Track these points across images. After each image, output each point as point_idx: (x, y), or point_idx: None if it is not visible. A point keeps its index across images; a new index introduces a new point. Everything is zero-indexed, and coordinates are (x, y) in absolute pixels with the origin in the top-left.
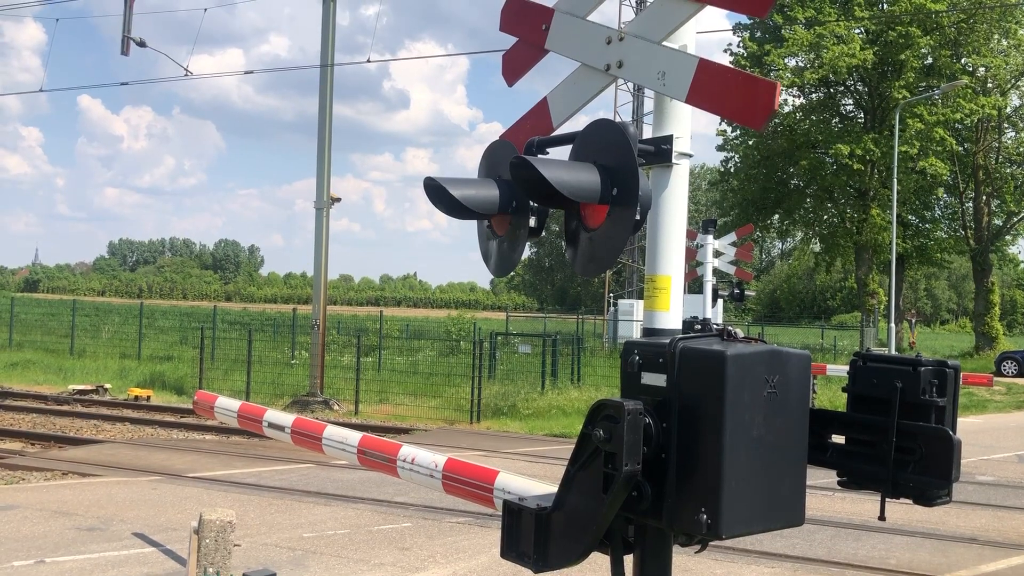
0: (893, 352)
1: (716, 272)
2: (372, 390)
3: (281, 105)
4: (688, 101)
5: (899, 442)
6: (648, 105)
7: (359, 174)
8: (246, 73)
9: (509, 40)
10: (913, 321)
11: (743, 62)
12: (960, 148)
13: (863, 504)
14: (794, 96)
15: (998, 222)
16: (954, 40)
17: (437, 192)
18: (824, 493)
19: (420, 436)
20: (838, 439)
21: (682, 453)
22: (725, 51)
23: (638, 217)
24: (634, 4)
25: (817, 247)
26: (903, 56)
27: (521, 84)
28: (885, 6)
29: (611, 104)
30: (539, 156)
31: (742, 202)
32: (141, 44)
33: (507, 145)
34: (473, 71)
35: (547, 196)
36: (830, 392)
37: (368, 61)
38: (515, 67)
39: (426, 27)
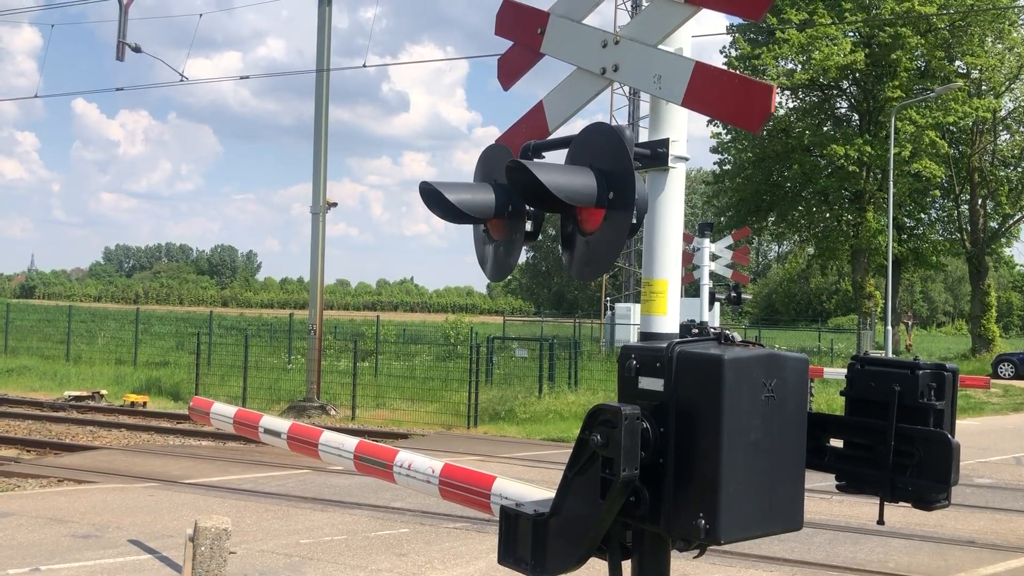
0: (890, 355)
1: (713, 275)
2: (369, 395)
3: (279, 109)
4: (684, 104)
5: (897, 446)
6: (644, 109)
7: (356, 178)
8: (241, 78)
9: (509, 43)
10: (910, 324)
11: (735, 64)
12: (955, 151)
13: (861, 508)
14: (787, 99)
15: (994, 224)
16: (948, 42)
17: (433, 196)
18: (822, 497)
19: (417, 441)
20: (836, 443)
21: (680, 458)
22: (721, 52)
23: (634, 221)
24: (630, 8)
25: (812, 250)
26: (894, 56)
27: (520, 87)
28: (875, 10)
29: (608, 108)
30: (535, 160)
31: (736, 203)
32: (136, 49)
33: (503, 149)
34: (473, 74)
35: (543, 200)
36: (827, 395)
37: (364, 66)
38: (510, 71)
39: (425, 29)
